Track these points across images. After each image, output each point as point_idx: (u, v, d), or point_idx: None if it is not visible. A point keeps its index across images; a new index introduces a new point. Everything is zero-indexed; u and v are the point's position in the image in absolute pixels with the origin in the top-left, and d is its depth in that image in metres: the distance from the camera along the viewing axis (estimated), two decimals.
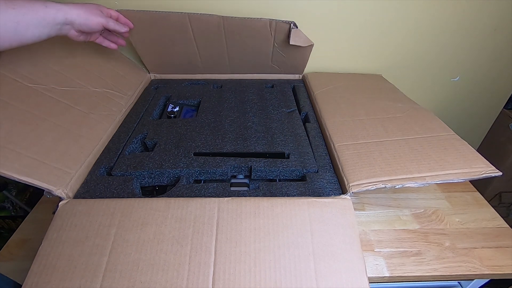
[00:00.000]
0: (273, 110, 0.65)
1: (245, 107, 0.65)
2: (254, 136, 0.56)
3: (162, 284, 0.34)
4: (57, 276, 0.35)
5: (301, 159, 0.51)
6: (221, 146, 0.53)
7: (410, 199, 0.56)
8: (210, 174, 0.49)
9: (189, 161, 0.49)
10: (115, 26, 0.55)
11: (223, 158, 0.50)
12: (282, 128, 0.59)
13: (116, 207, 0.40)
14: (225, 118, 0.61)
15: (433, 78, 0.90)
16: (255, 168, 0.49)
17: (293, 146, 0.54)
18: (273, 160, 0.50)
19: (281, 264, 0.35)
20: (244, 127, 0.59)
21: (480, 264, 0.45)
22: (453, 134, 0.53)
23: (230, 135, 0.56)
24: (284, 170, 0.49)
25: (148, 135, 0.56)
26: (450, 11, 0.74)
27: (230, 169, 0.49)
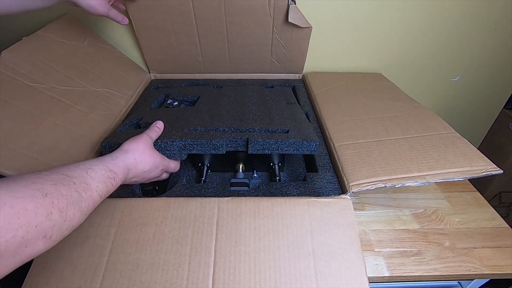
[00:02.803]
0: (273, 102, 0.63)
1: (244, 100, 0.64)
2: (252, 118, 0.54)
3: (162, 284, 0.34)
4: (57, 276, 0.35)
5: (300, 132, 0.49)
6: (218, 125, 0.51)
7: (410, 199, 0.56)
8: (205, 146, 0.47)
9: (183, 134, 0.48)
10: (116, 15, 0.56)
11: (219, 132, 0.49)
12: (282, 113, 0.57)
13: (116, 207, 0.40)
14: (223, 107, 0.59)
15: (433, 78, 0.90)
16: (252, 140, 0.46)
17: (292, 125, 0.52)
18: (271, 133, 0.49)
19: (281, 264, 0.35)
20: (242, 112, 0.57)
21: (480, 264, 0.45)
22: (453, 132, 0.53)
23: (226, 117, 0.54)
24: (283, 143, 0.46)
25: (143, 119, 0.55)
26: (450, 11, 0.74)
27: (226, 142, 0.47)
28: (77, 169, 0.32)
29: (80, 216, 0.29)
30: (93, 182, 0.32)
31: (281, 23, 0.67)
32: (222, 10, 0.66)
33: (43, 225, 0.25)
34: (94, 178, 0.32)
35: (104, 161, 0.36)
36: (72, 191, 0.29)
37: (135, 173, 0.40)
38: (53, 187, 0.27)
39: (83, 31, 0.67)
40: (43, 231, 0.25)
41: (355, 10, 0.73)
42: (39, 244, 0.25)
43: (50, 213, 0.26)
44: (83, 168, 0.32)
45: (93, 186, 0.31)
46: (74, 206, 0.28)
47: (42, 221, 0.25)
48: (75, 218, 0.28)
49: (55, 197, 0.27)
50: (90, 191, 0.31)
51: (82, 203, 0.29)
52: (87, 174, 0.32)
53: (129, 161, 0.39)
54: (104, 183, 0.33)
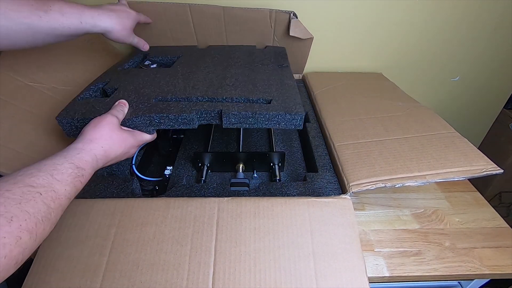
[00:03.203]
0: (262, 65, 0.57)
1: (229, 61, 0.58)
2: (232, 84, 0.48)
3: (162, 284, 0.34)
4: (57, 276, 0.35)
5: (284, 103, 0.43)
6: (191, 93, 0.46)
7: (410, 199, 0.56)
8: (173, 121, 0.42)
9: (148, 107, 0.43)
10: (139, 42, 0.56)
11: (191, 103, 0.43)
12: (269, 78, 0.50)
13: (116, 207, 0.40)
14: (202, 70, 0.53)
15: (433, 78, 0.90)
16: (226, 113, 0.41)
17: (277, 93, 0.46)
18: (250, 103, 0.43)
19: (281, 264, 0.35)
20: (222, 77, 0.51)
21: (480, 264, 0.45)
22: (453, 132, 0.53)
23: (203, 82, 0.49)
24: (262, 116, 0.41)
25: (109, 83, 0.50)
26: (450, 11, 0.74)
27: (197, 115, 0.43)
28: (41, 173, 0.28)
29: (50, 228, 0.27)
30: (60, 187, 0.29)
31: (282, 33, 0.67)
32: (222, 21, 0.65)
33: (12, 253, 0.23)
34: (61, 180, 0.29)
35: (69, 156, 0.32)
36: (40, 205, 0.26)
37: (105, 161, 0.37)
38: (17, 208, 0.24)
39: None
40: (13, 259, 0.23)
41: (356, 10, 0.73)
42: (11, 271, 0.23)
43: (19, 238, 0.23)
44: (48, 170, 0.29)
45: (62, 191, 0.29)
46: (44, 222, 0.26)
47: (11, 250, 0.22)
48: (45, 232, 0.26)
49: (21, 219, 0.24)
50: (59, 199, 0.28)
51: (51, 214, 0.27)
52: (52, 178, 0.28)
53: (96, 151, 0.35)
54: (72, 183, 0.30)
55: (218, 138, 0.62)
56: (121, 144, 0.39)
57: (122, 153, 0.40)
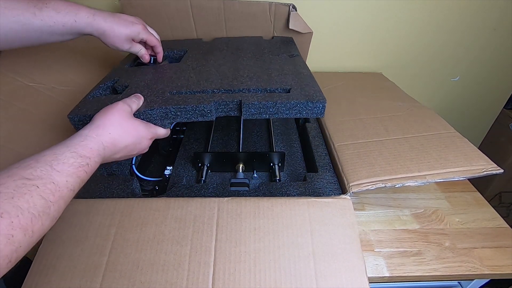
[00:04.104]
0: (272, 55, 0.55)
1: (238, 53, 0.56)
2: (247, 75, 0.47)
3: (162, 284, 0.34)
4: (57, 276, 0.35)
5: (304, 91, 0.42)
6: (206, 86, 0.44)
7: (410, 199, 0.56)
8: (190, 113, 0.41)
9: (164, 99, 0.42)
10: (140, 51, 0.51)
11: (207, 94, 0.42)
12: (283, 68, 0.49)
13: (116, 207, 0.40)
14: (213, 63, 0.52)
15: (433, 77, 0.90)
16: (246, 103, 0.40)
17: (295, 82, 0.44)
18: (269, 93, 0.42)
19: (281, 264, 0.35)
20: (235, 68, 0.49)
21: (480, 264, 0.45)
22: (454, 132, 0.53)
23: (216, 75, 0.47)
24: (283, 106, 0.40)
25: (119, 81, 0.50)
26: (450, 11, 0.74)
27: (215, 106, 0.41)
28: (39, 164, 0.26)
29: (50, 222, 0.26)
30: (61, 178, 0.27)
31: (281, 28, 0.67)
32: (222, 15, 0.66)
33: (3, 252, 0.21)
34: (62, 171, 0.27)
35: (72, 144, 0.30)
36: (36, 199, 0.24)
37: (114, 150, 0.34)
38: (8, 203, 0.22)
39: None
40: (5, 258, 0.22)
41: (356, 10, 0.73)
42: (2, 270, 0.22)
43: (10, 236, 0.22)
44: (46, 160, 0.27)
45: (62, 183, 0.27)
46: (41, 217, 0.24)
47: (1, 249, 0.21)
48: (44, 227, 0.25)
49: (13, 215, 0.22)
50: (59, 191, 0.26)
51: (50, 208, 0.25)
52: (52, 169, 0.26)
53: (103, 138, 0.33)
54: (74, 174, 0.28)
55: (218, 138, 0.62)
56: (131, 133, 0.36)
57: (132, 143, 0.37)
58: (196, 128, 0.63)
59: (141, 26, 0.48)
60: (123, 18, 0.46)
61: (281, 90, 0.43)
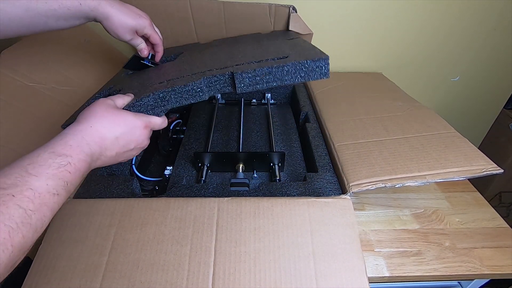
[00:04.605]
0: (269, 40, 0.53)
1: (235, 44, 0.54)
2: (242, 56, 0.43)
3: (162, 284, 0.34)
4: (57, 276, 0.35)
5: (302, 54, 0.38)
6: (198, 69, 0.42)
7: (410, 199, 0.56)
8: (178, 95, 0.38)
9: (152, 89, 0.39)
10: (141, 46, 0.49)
11: (197, 74, 0.39)
12: (280, 45, 0.46)
13: (116, 207, 0.40)
14: (208, 54, 0.49)
15: (433, 77, 0.90)
16: (238, 73, 0.36)
17: (293, 51, 0.41)
18: (264, 62, 0.38)
19: (281, 264, 0.35)
20: (230, 54, 0.46)
21: (480, 264, 0.45)
22: (454, 132, 0.53)
23: (209, 62, 0.44)
24: (280, 70, 0.36)
25: (114, 87, 0.50)
26: (450, 11, 0.74)
27: (206, 83, 0.38)
28: (13, 170, 0.24)
29: (34, 233, 0.23)
30: (39, 183, 0.24)
31: (281, 29, 0.67)
32: (222, 17, 0.66)
33: None
34: (39, 174, 0.25)
35: (50, 145, 0.28)
36: (13, 210, 0.22)
37: (102, 144, 0.32)
38: None
39: (83, 31, 0.67)
40: None
41: (356, 10, 0.73)
42: None
43: None
44: (22, 165, 0.25)
45: (42, 188, 0.24)
46: (21, 228, 0.22)
47: None
48: (26, 240, 0.22)
49: None
50: (39, 197, 0.24)
51: (31, 218, 0.23)
52: (28, 174, 0.24)
53: (84, 132, 0.30)
54: (55, 176, 0.25)
55: (218, 138, 0.62)
56: (119, 122, 0.33)
57: (123, 134, 0.34)
58: (196, 128, 0.63)
59: (148, 21, 0.47)
60: (131, 8, 0.45)
61: (278, 58, 0.39)
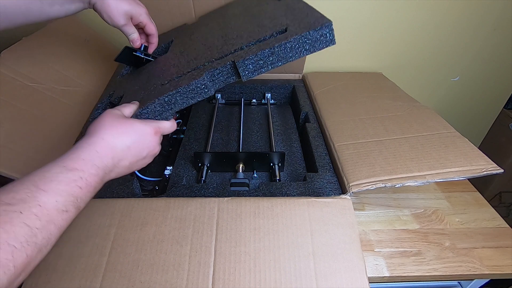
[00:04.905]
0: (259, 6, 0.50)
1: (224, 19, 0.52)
2: (236, 36, 0.42)
3: (162, 284, 0.34)
4: (57, 276, 0.35)
5: (303, 23, 0.36)
6: (195, 64, 0.41)
7: (410, 199, 0.56)
8: (184, 95, 0.37)
9: (156, 93, 0.39)
10: None
11: (198, 70, 0.38)
12: (274, 12, 0.44)
13: (116, 207, 0.40)
14: (199, 39, 0.48)
15: (433, 77, 0.90)
16: (240, 62, 0.35)
17: (290, 19, 0.39)
18: (264, 42, 0.37)
19: (281, 264, 0.35)
20: (223, 35, 0.45)
21: (480, 264, 0.45)
22: (454, 132, 0.53)
23: (204, 50, 0.43)
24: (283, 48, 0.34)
25: (114, 94, 0.49)
26: (450, 11, 0.74)
27: (209, 77, 0.37)
28: (23, 185, 0.23)
29: (38, 253, 0.22)
30: (48, 198, 0.23)
31: None
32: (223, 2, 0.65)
33: None
34: (49, 190, 0.24)
35: (61, 159, 0.27)
36: (18, 228, 0.21)
37: (115, 156, 0.31)
38: None
39: (83, 31, 0.67)
40: None
41: (355, 10, 0.73)
42: None
43: None
44: (32, 180, 0.24)
45: (51, 204, 0.23)
46: (25, 248, 0.21)
47: None
48: (30, 260, 0.21)
49: None
50: (47, 214, 0.23)
51: (37, 236, 0.22)
52: (37, 189, 0.23)
53: (96, 145, 0.30)
54: (65, 192, 0.25)
55: (218, 138, 0.62)
56: (128, 132, 0.33)
57: (134, 142, 0.33)
58: (196, 128, 0.63)
59: (144, 9, 0.46)
60: None
61: (276, 33, 0.38)
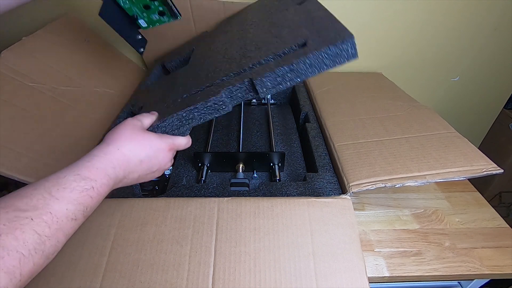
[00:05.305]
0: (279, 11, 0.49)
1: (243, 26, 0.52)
2: (255, 48, 0.41)
3: (162, 284, 0.34)
4: (57, 276, 0.35)
5: (323, 36, 0.34)
6: (214, 77, 0.41)
7: (410, 199, 0.56)
8: (202, 111, 0.37)
9: (174, 107, 0.39)
10: None
11: (215, 85, 0.38)
12: (292, 20, 0.43)
13: (116, 207, 0.40)
14: (219, 49, 0.48)
15: (433, 77, 0.90)
16: (258, 79, 0.34)
17: (310, 31, 0.37)
18: (283, 57, 0.35)
19: (281, 264, 0.35)
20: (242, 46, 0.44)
21: (480, 264, 0.45)
22: (453, 132, 0.53)
23: (223, 62, 0.43)
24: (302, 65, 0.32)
25: (136, 104, 0.50)
26: (450, 11, 0.74)
27: (227, 94, 0.36)
28: (36, 191, 0.23)
29: (44, 261, 0.23)
30: (60, 206, 0.24)
31: None
32: (223, 18, 0.66)
33: None
34: (61, 198, 0.24)
35: (76, 166, 0.27)
36: (28, 235, 0.21)
37: (127, 168, 0.31)
38: None
39: (83, 31, 0.67)
40: None
41: (355, 10, 0.73)
42: None
43: None
44: (46, 186, 0.24)
45: (61, 212, 0.24)
46: (33, 256, 0.21)
47: None
48: (36, 267, 0.22)
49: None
50: (57, 222, 0.23)
51: (45, 244, 0.22)
52: (50, 196, 0.23)
53: (112, 155, 0.30)
54: (76, 201, 0.25)
55: (218, 138, 0.62)
56: (144, 146, 0.33)
57: (147, 157, 0.33)
58: (196, 128, 0.63)
59: None
60: None
61: (296, 46, 0.36)
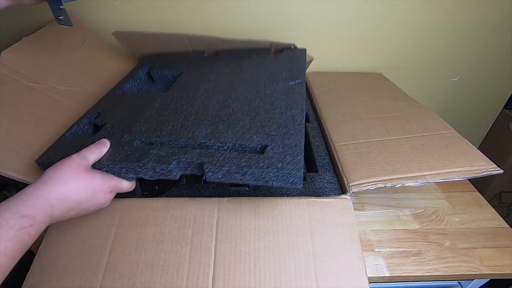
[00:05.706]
0: (270, 82, 0.51)
1: (234, 78, 0.53)
2: (227, 120, 0.43)
3: (162, 284, 0.34)
4: (57, 275, 0.35)
5: (279, 155, 0.36)
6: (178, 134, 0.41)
7: (410, 199, 0.56)
8: (150, 171, 0.37)
9: (127, 152, 0.38)
10: None
11: (170, 150, 0.38)
12: (273, 105, 0.45)
13: (116, 207, 0.40)
14: (200, 95, 0.50)
15: (433, 78, 0.90)
16: (208, 167, 0.35)
17: (278, 134, 0.40)
18: (239, 153, 0.37)
19: (281, 264, 0.35)
20: (221, 106, 0.46)
21: (480, 264, 0.45)
22: (454, 132, 0.53)
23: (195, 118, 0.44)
24: (251, 175, 0.34)
25: (101, 114, 0.48)
26: (450, 11, 0.74)
27: (177, 165, 0.37)
28: None
29: None
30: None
31: None
32: None
33: None
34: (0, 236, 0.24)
35: (14, 204, 0.27)
36: None
37: (65, 208, 0.31)
38: None
39: (83, 31, 0.67)
40: None
41: (356, 10, 0.73)
42: None
43: None
44: None
45: None
46: None
47: None
48: None
49: None
50: None
51: None
52: None
53: (50, 195, 0.30)
54: (15, 238, 0.25)
55: None
56: (85, 187, 0.33)
57: (86, 198, 0.33)
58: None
59: None
60: None
61: (256, 146, 0.38)
